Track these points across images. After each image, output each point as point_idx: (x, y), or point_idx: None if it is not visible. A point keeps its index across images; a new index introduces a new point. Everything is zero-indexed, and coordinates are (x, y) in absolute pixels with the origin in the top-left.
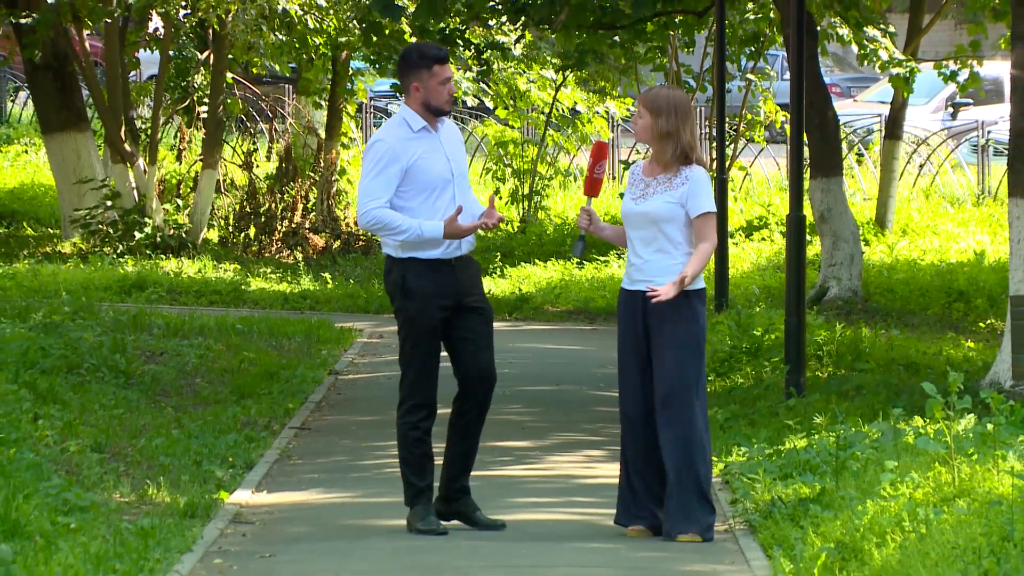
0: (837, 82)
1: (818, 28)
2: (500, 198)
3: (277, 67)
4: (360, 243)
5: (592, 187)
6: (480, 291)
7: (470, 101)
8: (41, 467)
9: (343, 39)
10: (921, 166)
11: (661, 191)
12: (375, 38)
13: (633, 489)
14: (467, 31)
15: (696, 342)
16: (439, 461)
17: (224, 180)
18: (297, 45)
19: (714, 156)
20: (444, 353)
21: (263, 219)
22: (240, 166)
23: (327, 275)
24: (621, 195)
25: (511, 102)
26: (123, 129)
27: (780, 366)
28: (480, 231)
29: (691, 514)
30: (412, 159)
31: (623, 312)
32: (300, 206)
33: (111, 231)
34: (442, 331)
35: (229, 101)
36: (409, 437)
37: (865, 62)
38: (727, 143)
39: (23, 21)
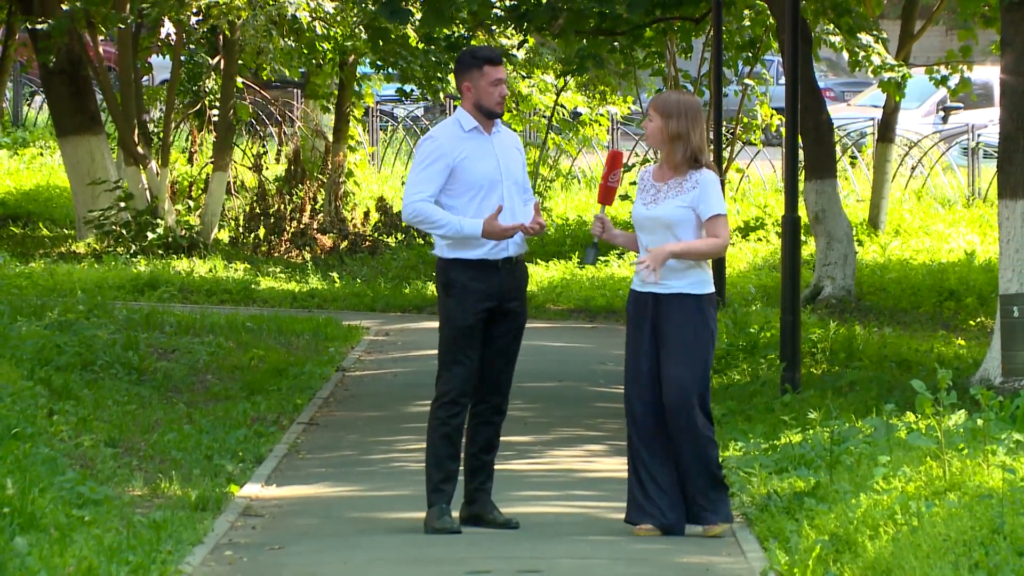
0: (831, 86)
1: (812, 34)
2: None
3: (287, 72)
4: (367, 243)
5: (606, 195)
6: (520, 296)
7: None
8: (56, 461)
9: (350, 44)
10: (913, 168)
11: (672, 195)
12: (381, 43)
13: (643, 488)
14: (472, 38)
15: (704, 345)
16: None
17: (234, 182)
18: (306, 51)
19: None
20: None
21: (272, 220)
22: (250, 168)
23: (334, 274)
24: (624, 197)
25: (513, 106)
26: (136, 132)
27: (776, 363)
28: (524, 235)
29: (715, 506)
30: (459, 157)
31: (632, 313)
32: (308, 207)
33: (124, 232)
34: (483, 331)
35: (239, 105)
36: (438, 432)
37: (857, 68)
38: (724, 146)
39: (39, 27)
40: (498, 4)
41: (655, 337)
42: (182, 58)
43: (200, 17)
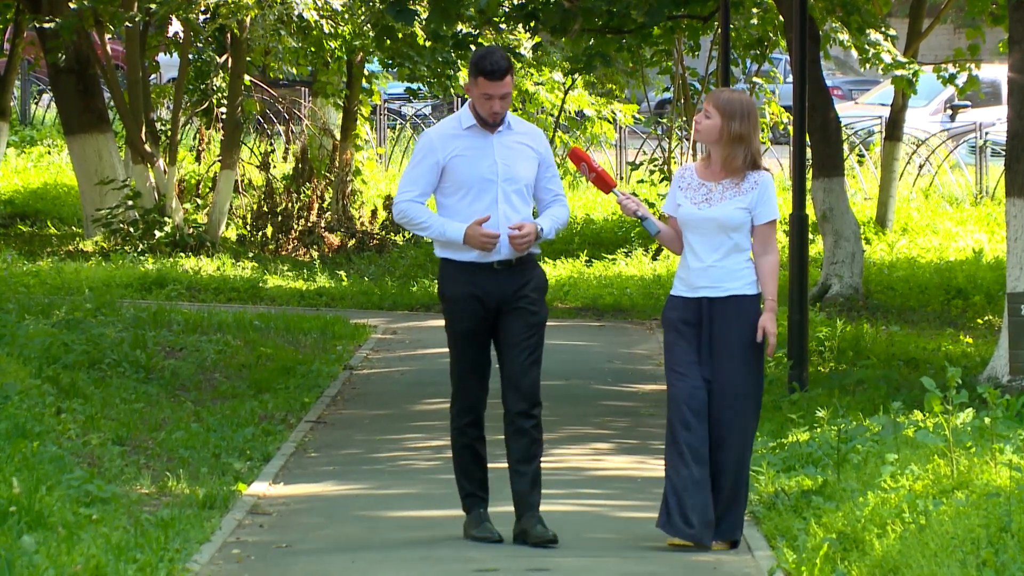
0: (839, 85)
1: (820, 32)
2: None
3: (294, 71)
4: (374, 241)
5: (604, 181)
6: (532, 294)
7: None
8: (64, 459)
9: (357, 43)
10: (921, 167)
11: (729, 196)
12: (388, 42)
13: (680, 499)
14: (479, 36)
15: (760, 345)
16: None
17: (242, 180)
18: (313, 49)
19: None
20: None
21: (280, 218)
22: (257, 166)
23: (342, 273)
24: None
25: (520, 104)
26: (143, 131)
27: (783, 361)
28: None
29: (738, 521)
30: (450, 155)
31: (682, 320)
32: (316, 206)
33: (132, 230)
34: (488, 335)
35: (247, 103)
36: (456, 442)
37: (867, 65)
38: None
39: (47, 26)
40: (505, 2)
41: (710, 342)
42: (190, 56)
43: (208, 16)
